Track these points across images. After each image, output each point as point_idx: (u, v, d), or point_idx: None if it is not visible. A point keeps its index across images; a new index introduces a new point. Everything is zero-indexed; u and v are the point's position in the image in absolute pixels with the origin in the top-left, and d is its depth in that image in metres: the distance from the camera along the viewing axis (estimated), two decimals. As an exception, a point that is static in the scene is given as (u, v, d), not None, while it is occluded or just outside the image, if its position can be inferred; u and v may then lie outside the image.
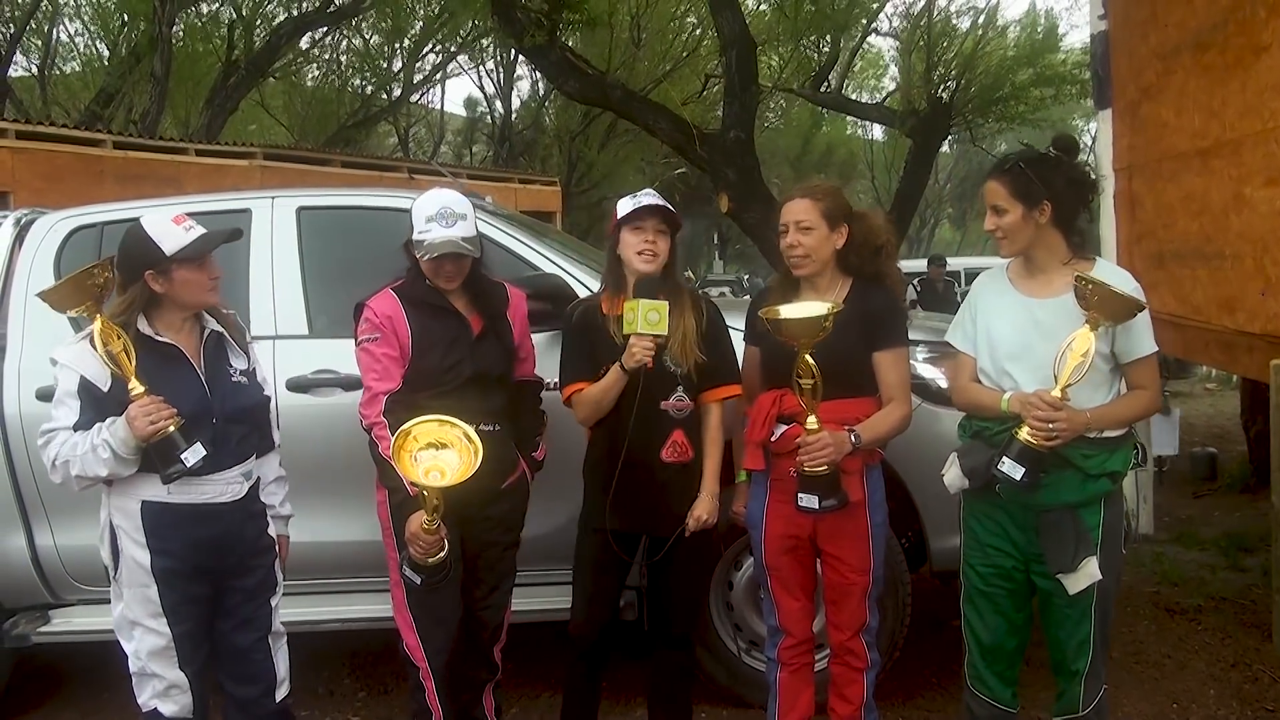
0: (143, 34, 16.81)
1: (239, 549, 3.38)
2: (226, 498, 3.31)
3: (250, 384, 3.44)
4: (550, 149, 27.42)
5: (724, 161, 10.53)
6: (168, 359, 3.26)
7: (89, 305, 3.18)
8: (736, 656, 4.51)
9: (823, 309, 3.28)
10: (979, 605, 3.43)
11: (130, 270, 3.23)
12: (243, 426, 3.38)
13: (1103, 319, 3.08)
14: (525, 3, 10.61)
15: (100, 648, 4.71)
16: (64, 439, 3.19)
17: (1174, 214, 5.86)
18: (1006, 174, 3.25)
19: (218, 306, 3.43)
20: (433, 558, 3.41)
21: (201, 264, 3.27)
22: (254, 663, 3.45)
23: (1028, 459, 3.11)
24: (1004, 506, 3.31)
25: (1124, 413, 3.25)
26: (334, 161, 14.25)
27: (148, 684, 3.33)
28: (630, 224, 3.61)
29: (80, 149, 10.52)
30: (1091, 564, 3.18)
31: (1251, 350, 4.88)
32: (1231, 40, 5.02)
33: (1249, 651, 5.09)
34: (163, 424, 3.10)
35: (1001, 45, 22.66)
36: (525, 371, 3.94)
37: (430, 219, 3.58)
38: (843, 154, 36.22)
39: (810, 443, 3.34)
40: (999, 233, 3.27)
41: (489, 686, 3.96)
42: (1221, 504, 8.23)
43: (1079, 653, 3.31)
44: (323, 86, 24.12)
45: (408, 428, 3.16)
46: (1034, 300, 3.28)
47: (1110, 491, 3.25)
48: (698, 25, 22.93)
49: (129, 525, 3.25)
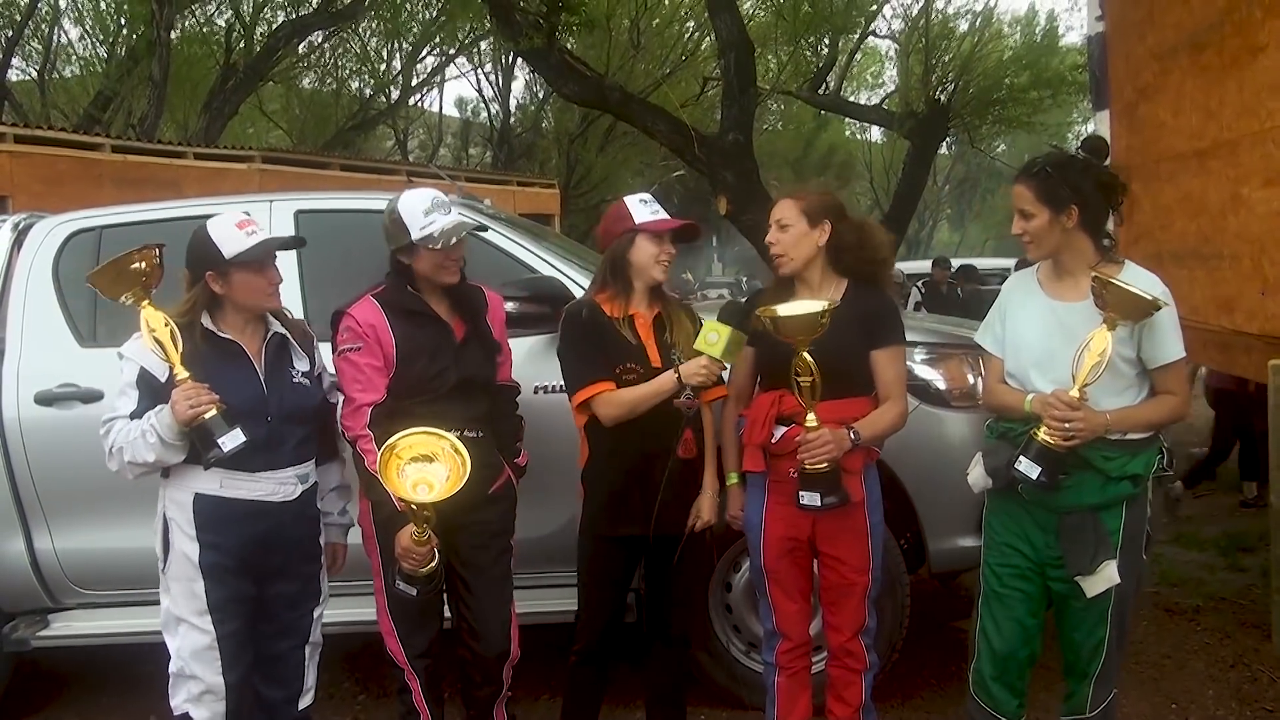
0: (141, 37, 16.81)
1: (286, 549, 3.42)
2: (278, 497, 3.36)
3: (312, 386, 3.49)
4: (549, 151, 27.45)
5: (722, 164, 10.54)
6: (228, 355, 3.33)
7: (136, 292, 3.24)
8: (735, 658, 4.51)
9: (819, 305, 3.29)
10: (995, 610, 3.40)
11: (195, 270, 3.32)
12: (301, 428, 3.42)
13: (1120, 318, 3.07)
14: (523, 5, 10.62)
15: (99, 652, 4.73)
16: (120, 426, 3.26)
17: (1171, 215, 5.87)
18: (1034, 178, 3.23)
19: (280, 311, 3.48)
20: (425, 569, 3.39)
21: (262, 268, 3.33)
22: (287, 667, 3.51)
23: (1045, 459, 3.10)
24: (1026, 507, 3.30)
25: (1147, 416, 3.21)
26: (332, 165, 14.23)
27: (184, 686, 3.35)
28: (651, 232, 3.62)
29: (79, 153, 10.50)
30: (1110, 567, 3.16)
31: (1249, 350, 4.89)
32: (1228, 41, 5.02)
33: (1248, 651, 5.09)
34: (202, 408, 3.14)
35: (999, 47, 22.72)
36: (503, 376, 3.89)
37: (428, 211, 3.55)
38: (841, 156, 36.26)
39: (811, 440, 3.34)
40: (1026, 237, 3.27)
41: (500, 704, 3.86)
42: (1221, 504, 8.24)
43: (1093, 656, 3.31)
44: (321, 90, 24.14)
45: (392, 443, 3.13)
46: (1060, 303, 3.26)
47: (1132, 495, 3.22)
48: (696, 28, 22.95)
49: (181, 518, 3.30)
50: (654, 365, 3.59)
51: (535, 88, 27.00)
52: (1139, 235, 6.48)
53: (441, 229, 3.51)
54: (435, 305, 3.66)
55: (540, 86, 25.63)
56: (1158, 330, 3.15)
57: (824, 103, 20.47)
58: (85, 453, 3.95)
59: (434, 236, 3.51)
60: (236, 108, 18.95)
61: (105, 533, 4.48)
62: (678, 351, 3.62)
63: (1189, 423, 11.86)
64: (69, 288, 4.66)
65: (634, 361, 3.58)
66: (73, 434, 4.38)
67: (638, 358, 3.59)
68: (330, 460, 3.65)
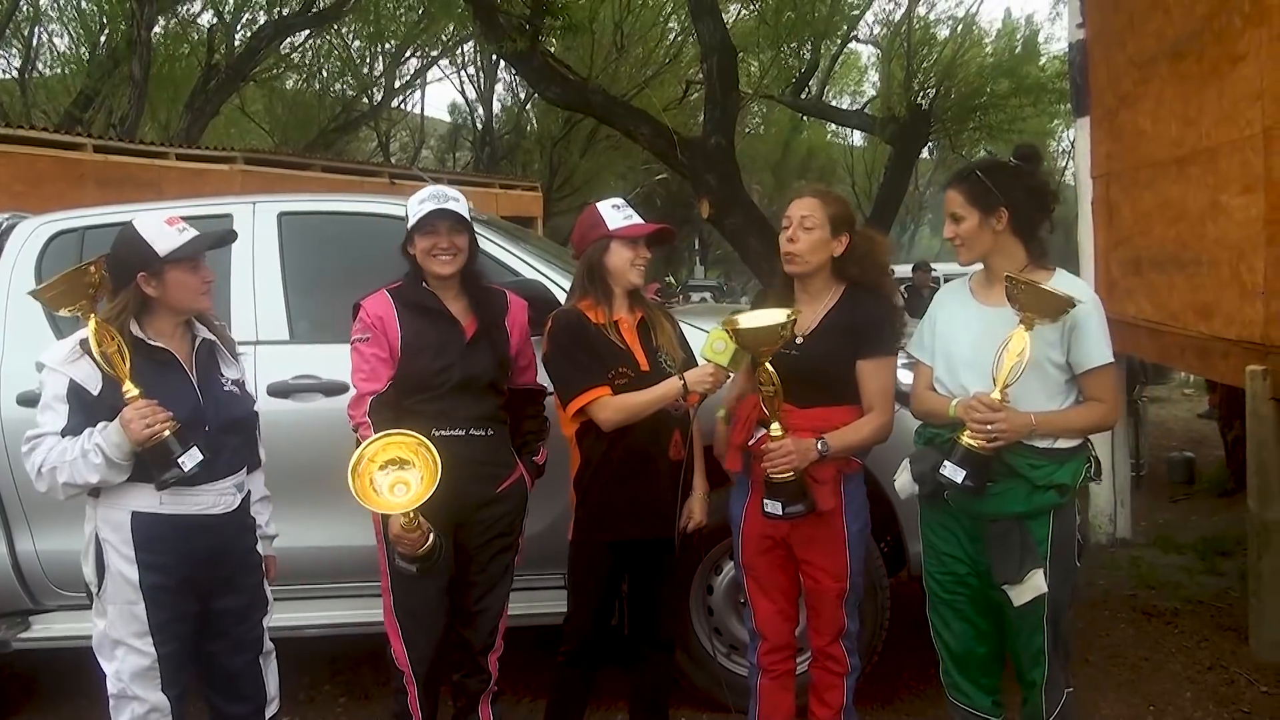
0: (121, 36, 16.74)
1: (230, 562, 3.32)
2: (219, 509, 3.25)
3: (242, 394, 3.41)
4: (532, 154, 27.44)
5: (705, 167, 10.55)
6: (161, 364, 3.19)
7: (83, 305, 3.10)
8: (716, 661, 4.52)
9: (779, 317, 3.26)
10: (943, 613, 3.43)
11: (122, 272, 3.15)
12: (236, 437, 3.33)
13: (1036, 317, 3.06)
14: (506, 7, 10.62)
15: (80, 654, 4.69)
16: (51, 445, 3.08)
17: (1151, 221, 5.91)
18: (964, 181, 3.27)
19: (208, 314, 3.38)
20: (421, 549, 3.41)
21: (195, 266, 3.22)
22: (246, 683, 3.42)
23: (970, 462, 3.10)
24: (955, 516, 3.30)
25: (1073, 421, 3.19)
26: (315, 166, 14.21)
27: (127, 707, 3.23)
28: (626, 238, 3.63)
29: (60, 153, 10.46)
30: (1037, 576, 3.14)
31: (1227, 356, 4.93)
32: (1208, 49, 5.07)
33: (1225, 654, 5.13)
34: (159, 427, 3.02)
35: (980, 54, 22.82)
36: (529, 379, 3.94)
37: (423, 200, 3.63)
38: (822, 159, 36.33)
39: (773, 449, 3.34)
40: (957, 240, 3.28)
41: (485, 697, 3.90)
42: (1199, 508, 8.29)
43: (1034, 663, 3.30)
44: (303, 91, 24.07)
45: (360, 452, 3.13)
46: (991, 309, 3.26)
47: (1059, 504, 3.20)
48: (679, 32, 22.99)
49: (117, 538, 3.16)
50: (643, 370, 3.60)
51: (518, 90, 27.01)
52: (1119, 241, 6.53)
53: (422, 213, 3.59)
54: (451, 304, 3.71)
55: (523, 89, 25.63)
56: (1085, 335, 3.15)
57: (807, 107, 20.52)
58: (67, 454, 3.93)
59: (415, 221, 3.60)
60: (218, 108, 18.90)
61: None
62: (664, 354, 3.64)
63: (1168, 427, 11.97)
64: (52, 289, 4.63)
65: (624, 365, 3.59)
66: (54, 435, 4.35)
67: (627, 362, 3.60)
68: (254, 470, 3.49)
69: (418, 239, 3.65)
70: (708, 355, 3.41)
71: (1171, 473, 9.19)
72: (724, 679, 4.32)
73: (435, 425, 3.53)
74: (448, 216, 3.62)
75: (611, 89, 15.98)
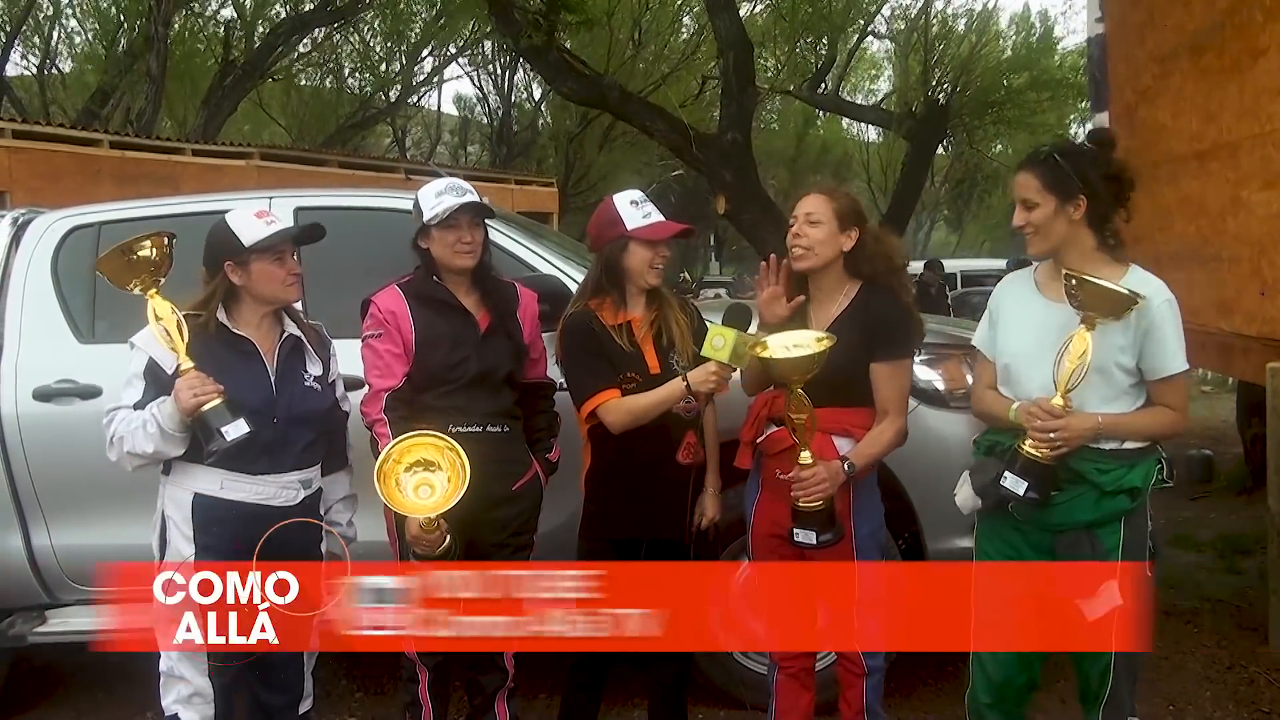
0: (139, 33, 16.81)
1: (283, 556, 3.24)
2: (279, 501, 3.28)
3: (323, 391, 3.43)
4: (547, 150, 27.47)
5: (721, 163, 10.54)
6: (240, 352, 3.28)
7: (144, 280, 3.19)
8: (734, 658, 4.50)
9: (818, 346, 3.11)
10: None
11: (213, 262, 3.27)
12: (308, 432, 3.36)
13: (1098, 317, 2.89)
14: (523, 3, 10.63)
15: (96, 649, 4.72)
16: (123, 416, 3.20)
17: (1171, 217, 5.88)
18: (1040, 165, 3.00)
19: (295, 308, 3.47)
20: (438, 551, 3.40)
21: (280, 258, 3.29)
22: (288, 675, 3.45)
23: (1032, 472, 2.92)
24: (1019, 528, 3.08)
25: (1142, 425, 2.99)
26: (331, 162, 14.25)
27: (174, 687, 3.31)
28: (645, 238, 3.57)
29: (77, 148, 10.53)
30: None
31: (1248, 353, 4.90)
32: (1229, 43, 5.03)
33: (1245, 654, 5.08)
34: (204, 397, 3.08)
35: (997, 49, 22.76)
36: (538, 372, 3.91)
37: (440, 194, 3.59)
38: (838, 155, 36.27)
39: (805, 478, 3.23)
40: (1029, 228, 3.02)
41: (502, 694, 3.87)
42: (1218, 506, 8.23)
43: (1101, 681, 3.09)
44: (320, 87, 24.15)
45: (388, 451, 3.11)
46: (1058, 305, 3.01)
47: (1130, 510, 2.99)
48: (696, 28, 22.97)
49: (179, 517, 3.25)
50: (652, 373, 3.55)
51: (533, 86, 27.04)
52: (1138, 237, 6.47)
53: (445, 208, 3.54)
54: (463, 297, 3.69)
55: (539, 84, 25.64)
56: (1159, 339, 2.94)
57: (823, 102, 20.53)
58: (83, 449, 3.95)
59: (439, 215, 3.55)
60: (235, 104, 18.98)
61: (102, 529, 4.46)
62: (675, 355, 3.61)
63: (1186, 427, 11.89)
64: (68, 284, 4.65)
65: (632, 370, 3.54)
66: (70, 430, 4.37)
67: (636, 366, 3.55)
68: (339, 470, 3.57)
69: (437, 233, 3.60)
70: (707, 353, 3.33)
71: (1190, 470, 9.12)
72: (741, 676, 4.31)
73: (452, 421, 3.50)
74: (471, 210, 3.60)
75: (628, 85, 15.97)
